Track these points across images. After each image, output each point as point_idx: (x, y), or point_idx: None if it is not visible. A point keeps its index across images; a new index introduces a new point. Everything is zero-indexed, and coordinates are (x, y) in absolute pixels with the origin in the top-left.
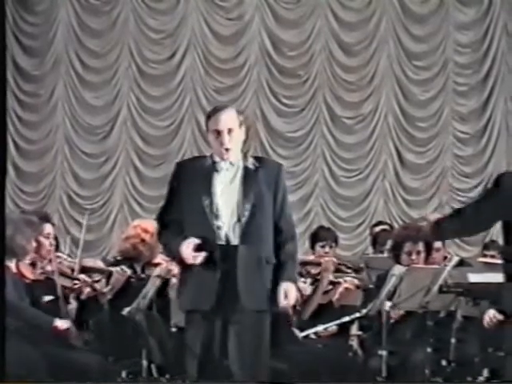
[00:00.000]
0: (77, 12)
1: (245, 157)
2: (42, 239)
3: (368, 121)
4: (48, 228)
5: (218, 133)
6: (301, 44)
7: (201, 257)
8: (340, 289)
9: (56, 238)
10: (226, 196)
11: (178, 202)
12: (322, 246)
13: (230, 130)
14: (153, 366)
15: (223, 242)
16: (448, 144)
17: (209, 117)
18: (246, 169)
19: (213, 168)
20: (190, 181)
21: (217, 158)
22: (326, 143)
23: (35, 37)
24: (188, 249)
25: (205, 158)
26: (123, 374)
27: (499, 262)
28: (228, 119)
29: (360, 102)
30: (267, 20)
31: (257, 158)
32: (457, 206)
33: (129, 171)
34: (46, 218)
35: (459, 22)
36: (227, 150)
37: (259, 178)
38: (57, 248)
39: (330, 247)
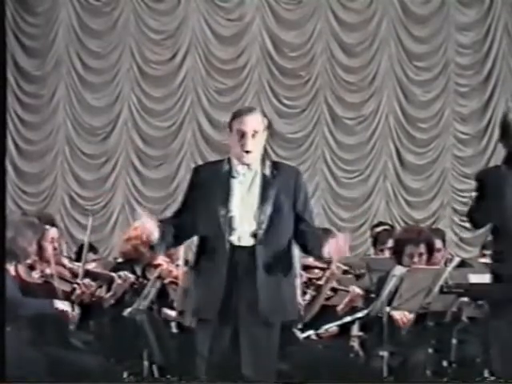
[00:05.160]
0: (77, 13)
1: (263, 163)
2: (44, 243)
3: (369, 122)
4: (52, 232)
5: (242, 134)
6: (302, 45)
7: (155, 234)
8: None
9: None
10: (243, 204)
11: (191, 206)
12: None
13: (254, 133)
14: (154, 367)
15: (239, 248)
16: (448, 145)
17: (234, 117)
18: (263, 175)
19: (230, 174)
20: (206, 187)
21: (234, 161)
22: (327, 144)
23: (36, 37)
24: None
25: (222, 163)
26: (124, 375)
27: None
28: (254, 121)
29: (361, 103)
30: (268, 21)
31: (274, 164)
32: (458, 206)
33: (129, 172)
34: (50, 222)
35: (460, 23)
36: (248, 152)
37: (277, 185)
38: (60, 252)
39: None
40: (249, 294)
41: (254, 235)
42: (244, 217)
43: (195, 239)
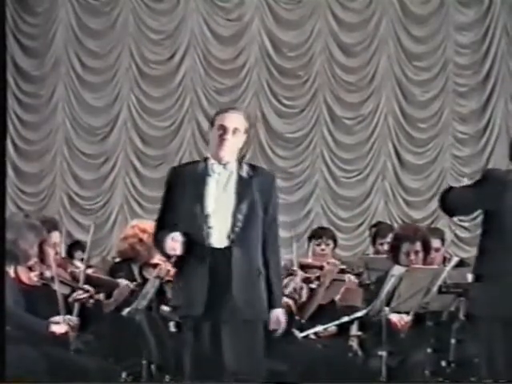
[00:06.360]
0: (77, 13)
1: (239, 164)
2: (46, 247)
3: (368, 121)
4: (55, 236)
5: (223, 130)
6: (301, 45)
7: (179, 249)
8: (342, 288)
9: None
10: (219, 203)
11: (172, 207)
12: (318, 245)
13: (234, 130)
14: (153, 367)
15: (216, 247)
16: (447, 145)
17: (218, 113)
18: (239, 176)
19: (206, 172)
20: (183, 186)
21: (211, 160)
22: (326, 144)
23: (35, 37)
24: (170, 241)
25: (198, 163)
26: (123, 375)
27: None
28: (237, 119)
29: (360, 103)
30: (267, 21)
31: (251, 166)
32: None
33: (128, 172)
34: (53, 226)
35: (459, 23)
36: (226, 146)
37: (253, 187)
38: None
39: (327, 245)
40: (227, 294)
41: (230, 234)
42: (219, 216)
43: None
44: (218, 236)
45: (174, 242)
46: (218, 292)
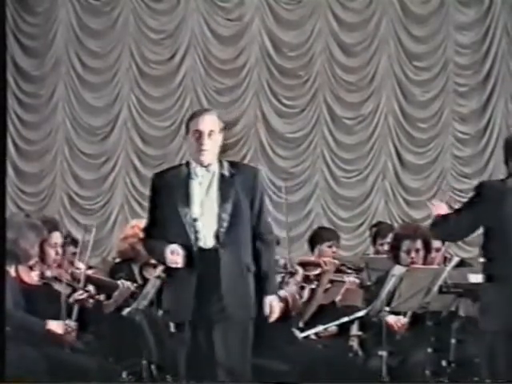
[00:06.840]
0: (77, 12)
1: (220, 164)
2: (47, 247)
3: (368, 121)
4: (56, 237)
5: (199, 134)
6: (301, 45)
7: (181, 262)
8: (342, 289)
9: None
10: (204, 205)
11: (159, 213)
12: (330, 246)
13: (210, 133)
14: (153, 367)
15: (204, 248)
16: (448, 145)
17: (191, 118)
18: (222, 176)
19: (188, 176)
20: (167, 191)
21: (193, 164)
22: (326, 144)
23: (35, 37)
24: (171, 255)
25: (181, 167)
26: (123, 375)
27: None
28: (210, 121)
29: (360, 103)
30: (267, 21)
31: (233, 164)
32: (457, 206)
33: (129, 172)
34: (54, 226)
35: (459, 23)
36: (205, 151)
37: (236, 184)
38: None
39: (337, 247)
40: (216, 295)
41: (217, 235)
42: (206, 218)
43: None
44: (206, 237)
45: (176, 256)
46: (206, 293)
